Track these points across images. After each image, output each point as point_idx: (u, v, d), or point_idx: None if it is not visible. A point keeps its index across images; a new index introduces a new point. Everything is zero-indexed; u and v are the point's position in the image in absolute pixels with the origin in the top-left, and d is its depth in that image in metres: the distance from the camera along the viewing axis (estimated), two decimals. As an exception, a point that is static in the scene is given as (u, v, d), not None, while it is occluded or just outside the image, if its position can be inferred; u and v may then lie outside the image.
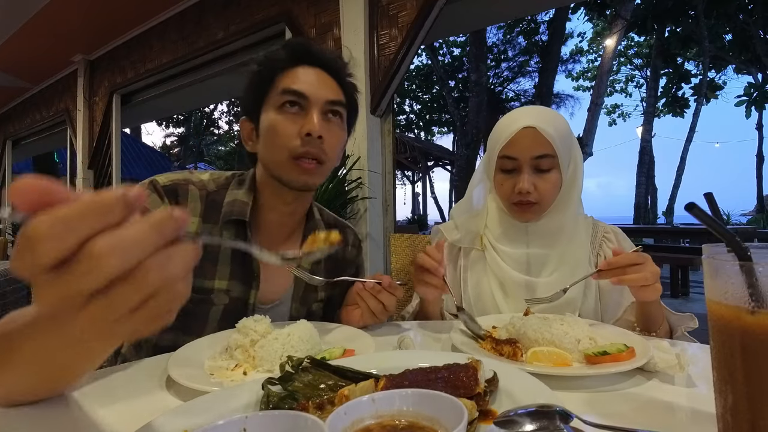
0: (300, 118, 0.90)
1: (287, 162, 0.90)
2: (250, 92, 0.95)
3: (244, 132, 0.99)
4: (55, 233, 0.28)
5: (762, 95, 15.01)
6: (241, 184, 0.98)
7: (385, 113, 2.99)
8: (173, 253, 0.32)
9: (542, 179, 1.03)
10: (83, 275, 0.29)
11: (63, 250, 0.28)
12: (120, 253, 0.29)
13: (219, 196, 0.95)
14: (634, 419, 0.54)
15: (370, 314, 0.93)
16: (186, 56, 4.30)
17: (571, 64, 21.42)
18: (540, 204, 1.04)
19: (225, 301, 0.92)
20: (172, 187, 0.92)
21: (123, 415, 0.56)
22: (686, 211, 0.39)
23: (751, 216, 14.46)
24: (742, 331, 0.37)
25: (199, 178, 0.97)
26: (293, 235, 1.05)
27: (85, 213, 0.29)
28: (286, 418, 0.40)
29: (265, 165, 0.95)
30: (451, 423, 0.38)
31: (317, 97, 0.91)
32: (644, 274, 0.82)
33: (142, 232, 0.30)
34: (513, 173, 1.05)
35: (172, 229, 0.32)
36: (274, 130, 0.90)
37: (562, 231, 1.08)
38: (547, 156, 1.01)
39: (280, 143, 0.89)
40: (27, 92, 6.92)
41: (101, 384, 0.65)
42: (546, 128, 1.00)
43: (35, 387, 0.53)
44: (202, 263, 0.89)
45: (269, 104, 0.92)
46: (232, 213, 0.92)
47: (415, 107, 21.22)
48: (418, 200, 22.47)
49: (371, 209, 2.92)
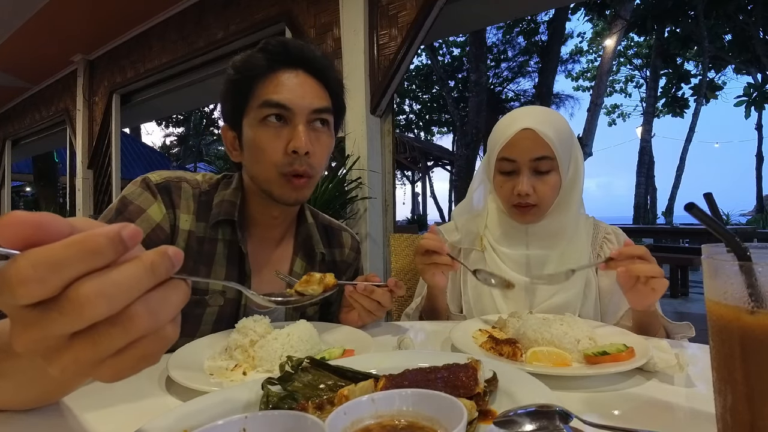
0: (285, 132, 0.86)
1: (276, 179, 0.87)
2: (228, 100, 0.91)
3: (226, 140, 0.95)
4: (38, 276, 0.26)
5: (761, 95, 15.03)
6: (228, 184, 0.97)
7: (385, 113, 2.99)
8: (164, 296, 0.31)
9: (541, 181, 1.02)
10: (65, 318, 0.27)
11: (46, 292, 0.26)
12: (106, 298, 0.27)
13: (210, 197, 0.94)
14: (634, 419, 0.54)
15: (366, 313, 0.92)
16: (186, 56, 4.29)
17: (570, 64, 21.45)
18: (539, 206, 1.04)
19: (220, 303, 0.91)
20: (165, 184, 0.91)
21: (123, 415, 0.56)
22: (685, 211, 0.39)
23: (750, 216, 14.44)
24: (742, 331, 0.37)
25: (194, 177, 0.97)
26: (286, 236, 1.04)
27: (72, 255, 0.27)
28: (286, 418, 0.40)
29: (253, 179, 0.92)
30: (451, 423, 0.38)
31: (301, 108, 0.86)
32: (651, 267, 0.82)
33: (134, 277, 0.29)
34: (512, 175, 1.05)
35: (166, 269, 0.30)
36: (259, 145, 0.86)
37: (562, 232, 1.08)
38: (545, 158, 1.00)
39: (266, 160, 0.86)
40: (27, 92, 6.92)
41: (101, 384, 0.64)
42: (545, 130, 0.99)
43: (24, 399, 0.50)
44: (197, 266, 0.89)
45: (251, 115, 0.88)
46: (219, 213, 0.91)
47: (415, 107, 21.24)
48: (418, 200, 22.49)
49: (371, 209, 2.92)
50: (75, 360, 0.28)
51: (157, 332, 0.30)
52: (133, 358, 0.30)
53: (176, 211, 0.90)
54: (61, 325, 0.27)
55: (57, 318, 0.27)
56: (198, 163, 22.00)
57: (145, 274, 0.29)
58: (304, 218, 1.05)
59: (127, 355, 0.30)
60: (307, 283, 0.66)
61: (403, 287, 0.93)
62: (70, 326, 0.27)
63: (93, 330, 0.28)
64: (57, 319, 0.27)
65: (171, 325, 0.32)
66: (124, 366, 0.30)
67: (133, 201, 0.87)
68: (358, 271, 1.18)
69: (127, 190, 0.89)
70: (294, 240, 1.04)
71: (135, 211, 0.86)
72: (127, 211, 0.85)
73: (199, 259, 0.90)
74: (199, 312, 0.90)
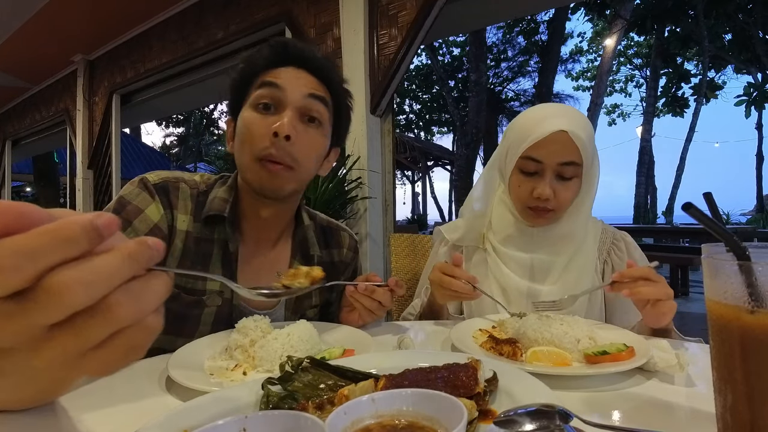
0: (272, 119, 0.85)
1: (251, 164, 0.85)
2: (231, 92, 0.93)
3: (228, 133, 0.96)
4: (12, 264, 0.25)
5: (761, 95, 15.03)
6: (224, 183, 0.97)
7: (385, 113, 2.99)
8: (145, 286, 0.30)
9: (563, 187, 0.99)
10: (41, 308, 0.26)
11: (21, 282, 0.26)
12: (83, 287, 0.27)
13: (206, 196, 0.94)
14: (634, 419, 0.54)
15: (367, 313, 0.92)
16: (186, 56, 4.29)
17: (570, 64, 21.45)
18: (555, 211, 1.01)
19: (218, 303, 0.91)
20: (163, 184, 0.90)
21: (123, 415, 0.56)
22: (683, 211, 0.39)
23: (750, 216, 14.46)
24: (742, 330, 0.37)
25: (192, 177, 0.97)
26: (282, 237, 1.02)
27: (46, 243, 0.26)
28: (286, 418, 0.40)
29: (238, 168, 0.92)
30: (451, 423, 0.38)
31: (294, 92, 0.86)
32: (657, 289, 0.79)
33: (112, 265, 0.28)
34: (533, 176, 1.00)
35: (146, 259, 0.30)
36: (246, 128, 0.86)
37: (570, 238, 1.05)
38: (573, 164, 0.96)
39: (248, 143, 0.85)
40: (27, 92, 6.92)
41: (101, 384, 0.65)
42: (580, 134, 0.94)
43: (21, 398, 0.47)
44: (193, 266, 0.89)
45: (247, 102, 0.89)
46: (210, 210, 0.90)
47: (415, 107, 21.24)
48: (418, 200, 22.49)
49: (371, 209, 2.92)
50: (58, 352, 0.28)
51: (140, 323, 0.30)
52: (118, 350, 0.30)
53: (174, 212, 0.90)
54: (38, 316, 0.27)
55: (33, 308, 0.26)
56: (198, 163, 22.00)
57: (124, 263, 0.29)
58: (301, 220, 1.04)
59: (112, 346, 0.29)
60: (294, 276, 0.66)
61: (403, 287, 0.93)
62: (48, 316, 0.27)
63: (73, 320, 0.28)
64: (33, 308, 0.26)
65: (153, 315, 0.31)
66: (111, 358, 0.30)
67: (131, 201, 0.87)
68: (357, 271, 1.18)
69: (124, 190, 0.89)
70: (291, 242, 1.04)
71: (133, 211, 0.86)
72: (124, 211, 0.85)
73: (197, 260, 0.90)
74: (197, 312, 0.90)
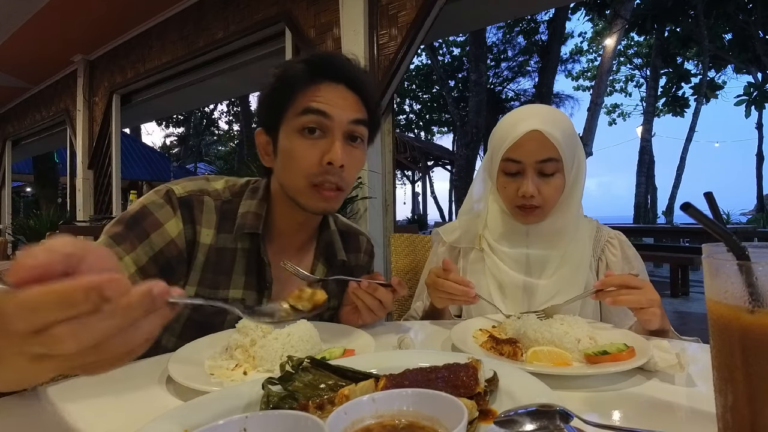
0: (322, 144, 0.87)
1: (306, 189, 0.88)
2: (266, 106, 0.92)
3: (260, 145, 0.96)
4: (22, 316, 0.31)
5: (762, 95, 15.03)
6: (254, 193, 0.97)
7: (385, 113, 2.99)
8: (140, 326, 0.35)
9: (546, 183, 1.01)
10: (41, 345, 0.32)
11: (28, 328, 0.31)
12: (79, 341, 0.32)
13: (233, 206, 0.94)
14: (635, 419, 0.55)
15: (368, 312, 0.92)
16: (186, 56, 4.30)
17: (570, 63, 21.40)
18: (543, 208, 1.03)
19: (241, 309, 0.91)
20: (188, 199, 0.90)
21: (123, 415, 0.56)
22: (682, 210, 0.39)
23: (751, 215, 14.44)
24: (742, 330, 0.37)
25: (215, 187, 0.96)
26: (306, 244, 1.03)
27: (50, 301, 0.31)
28: (286, 418, 0.40)
29: (282, 185, 0.93)
30: (451, 423, 0.38)
31: (340, 118, 0.87)
32: (637, 297, 0.81)
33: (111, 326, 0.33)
34: (516, 176, 1.03)
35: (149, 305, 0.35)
36: (295, 155, 0.87)
37: (563, 232, 1.08)
38: (552, 160, 0.99)
39: (300, 168, 0.87)
40: (27, 92, 6.93)
41: (101, 383, 0.65)
42: (553, 132, 0.97)
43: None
44: (215, 276, 0.90)
45: (289, 124, 0.88)
46: (244, 226, 0.91)
47: (415, 107, 21.23)
48: (418, 200, 22.46)
49: (371, 209, 2.92)
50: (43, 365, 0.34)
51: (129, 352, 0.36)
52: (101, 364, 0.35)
53: (196, 227, 0.90)
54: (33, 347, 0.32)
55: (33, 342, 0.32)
56: (198, 163, 22.02)
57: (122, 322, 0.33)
58: (327, 224, 1.05)
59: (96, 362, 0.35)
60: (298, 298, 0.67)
61: (405, 287, 0.93)
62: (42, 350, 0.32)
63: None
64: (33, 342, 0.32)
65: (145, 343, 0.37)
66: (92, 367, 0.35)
67: (153, 212, 0.87)
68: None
69: (148, 199, 0.89)
70: (315, 245, 1.04)
71: (153, 223, 0.86)
72: (145, 222, 0.85)
73: (219, 270, 0.91)
74: (220, 320, 0.91)
